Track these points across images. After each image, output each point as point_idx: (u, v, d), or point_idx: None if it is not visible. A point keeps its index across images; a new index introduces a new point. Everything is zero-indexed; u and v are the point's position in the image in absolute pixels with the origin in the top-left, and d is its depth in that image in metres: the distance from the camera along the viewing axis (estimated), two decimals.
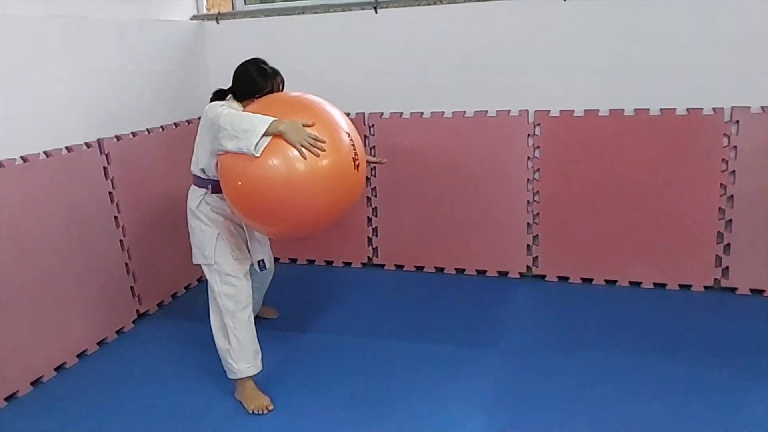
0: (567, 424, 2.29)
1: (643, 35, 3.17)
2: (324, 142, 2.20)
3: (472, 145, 3.55)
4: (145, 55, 3.43)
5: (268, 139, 2.17)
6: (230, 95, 2.51)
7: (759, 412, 2.29)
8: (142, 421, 2.46)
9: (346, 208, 2.41)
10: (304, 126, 2.19)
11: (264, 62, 2.53)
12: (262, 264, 2.72)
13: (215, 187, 2.48)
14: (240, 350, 2.49)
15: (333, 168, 2.24)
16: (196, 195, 2.54)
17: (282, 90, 2.55)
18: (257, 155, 2.16)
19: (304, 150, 2.16)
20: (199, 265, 2.57)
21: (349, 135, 2.33)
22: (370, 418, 2.39)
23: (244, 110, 2.40)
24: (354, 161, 2.31)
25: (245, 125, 2.18)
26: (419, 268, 3.83)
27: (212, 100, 2.51)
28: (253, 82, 2.46)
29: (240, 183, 2.27)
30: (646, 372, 2.59)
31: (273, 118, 2.18)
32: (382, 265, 3.89)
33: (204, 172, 2.49)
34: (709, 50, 3.10)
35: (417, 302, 3.38)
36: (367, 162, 2.66)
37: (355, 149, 2.33)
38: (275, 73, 2.51)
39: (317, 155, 2.18)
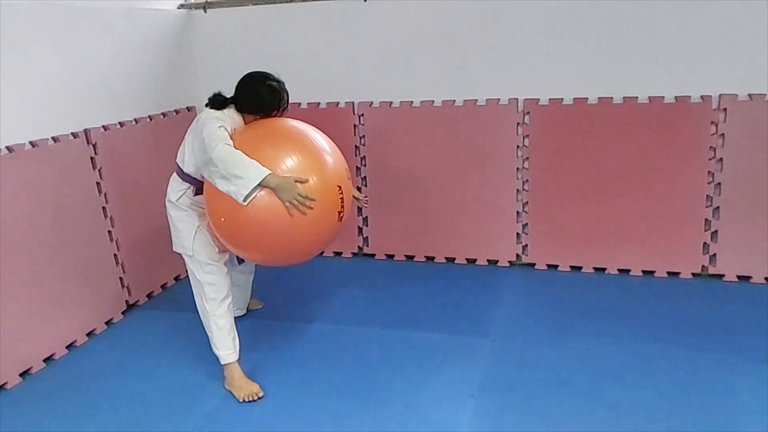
0: (556, 411, 2.30)
1: (632, 24, 3.17)
2: (314, 200, 2.19)
3: (462, 134, 3.54)
4: (132, 44, 3.39)
5: (258, 191, 2.15)
6: (231, 104, 2.43)
7: (746, 396, 2.32)
8: (132, 412, 2.45)
9: (323, 248, 2.48)
10: (297, 181, 2.17)
11: (273, 78, 2.45)
12: (240, 258, 2.73)
13: (198, 188, 2.47)
14: (221, 337, 2.51)
15: (316, 222, 2.25)
16: (176, 187, 2.52)
17: (287, 106, 2.49)
18: (244, 204, 2.16)
19: (291, 208, 2.16)
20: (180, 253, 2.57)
21: (340, 188, 2.33)
22: (361, 406, 2.40)
23: (244, 123, 2.41)
24: (339, 214, 2.34)
25: (238, 171, 2.13)
26: (410, 258, 3.84)
27: (209, 103, 2.44)
28: (260, 100, 2.41)
29: (222, 219, 2.29)
30: (635, 358, 2.61)
31: (267, 171, 2.14)
32: (373, 255, 3.90)
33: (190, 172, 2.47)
34: (697, 38, 3.11)
35: (407, 291, 3.39)
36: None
37: (342, 202, 2.34)
38: (283, 90, 2.45)
39: (304, 214, 2.18)
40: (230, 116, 2.38)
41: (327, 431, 2.26)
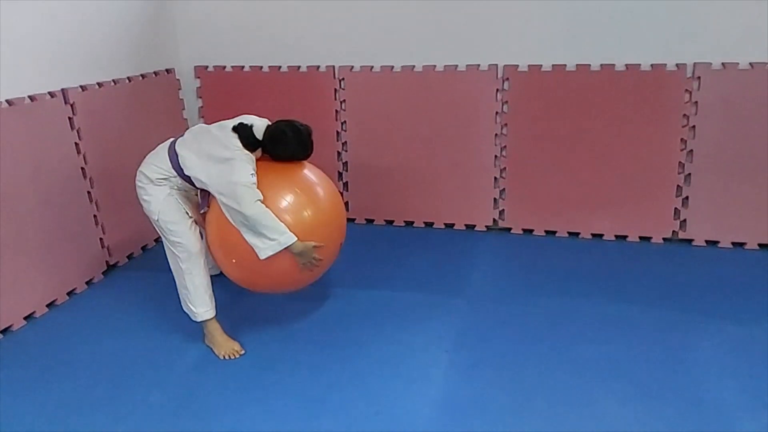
0: (527, 366, 2.39)
1: None
2: (322, 260, 2.48)
3: (442, 99, 3.57)
4: (111, 4, 3.34)
5: (280, 251, 2.33)
6: (259, 148, 2.51)
7: (709, 352, 2.42)
8: (112, 369, 2.48)
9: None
10: (315, 246, 2.41)
11: (304, 133, 2.52)
12: None
13: (187, 180, 2.50)
14: (197, 294, 2.55)
15: (314, 273, 2.54)
16: (159, 170, 2.49)
17: (312, 149, 2.59)
18: (261, 259, 2.34)
19: (303, 268, 2.43)
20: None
21: (341, 244, 2.66)
22: (338, 361, 2.46)
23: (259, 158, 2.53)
24: (332, 260, 2.66)
25: (268, 233, 2.30)
26: (389, 222, 3.89)
27: (239, 136, 2.44)
28: (289, 153, 2.53)
29: (234, 261, 2.49)
30: (604, 317, 2.70)
31: (295, 239, 2.33)
32: (353, 220, 3.93)
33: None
34: (673, 7, 3.14)
35: (386, 254, 3.45)
36: None
37: (338, 250, 2.66)
38: (311, 144, 2.57)
39: (311, 272, 2.49)
40: (256, 153, 2.50)
41: (305, 383, 2.33)
